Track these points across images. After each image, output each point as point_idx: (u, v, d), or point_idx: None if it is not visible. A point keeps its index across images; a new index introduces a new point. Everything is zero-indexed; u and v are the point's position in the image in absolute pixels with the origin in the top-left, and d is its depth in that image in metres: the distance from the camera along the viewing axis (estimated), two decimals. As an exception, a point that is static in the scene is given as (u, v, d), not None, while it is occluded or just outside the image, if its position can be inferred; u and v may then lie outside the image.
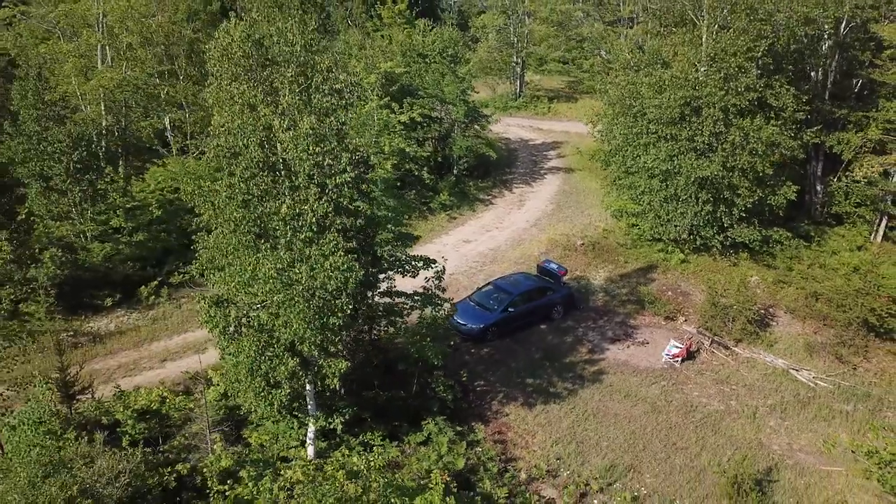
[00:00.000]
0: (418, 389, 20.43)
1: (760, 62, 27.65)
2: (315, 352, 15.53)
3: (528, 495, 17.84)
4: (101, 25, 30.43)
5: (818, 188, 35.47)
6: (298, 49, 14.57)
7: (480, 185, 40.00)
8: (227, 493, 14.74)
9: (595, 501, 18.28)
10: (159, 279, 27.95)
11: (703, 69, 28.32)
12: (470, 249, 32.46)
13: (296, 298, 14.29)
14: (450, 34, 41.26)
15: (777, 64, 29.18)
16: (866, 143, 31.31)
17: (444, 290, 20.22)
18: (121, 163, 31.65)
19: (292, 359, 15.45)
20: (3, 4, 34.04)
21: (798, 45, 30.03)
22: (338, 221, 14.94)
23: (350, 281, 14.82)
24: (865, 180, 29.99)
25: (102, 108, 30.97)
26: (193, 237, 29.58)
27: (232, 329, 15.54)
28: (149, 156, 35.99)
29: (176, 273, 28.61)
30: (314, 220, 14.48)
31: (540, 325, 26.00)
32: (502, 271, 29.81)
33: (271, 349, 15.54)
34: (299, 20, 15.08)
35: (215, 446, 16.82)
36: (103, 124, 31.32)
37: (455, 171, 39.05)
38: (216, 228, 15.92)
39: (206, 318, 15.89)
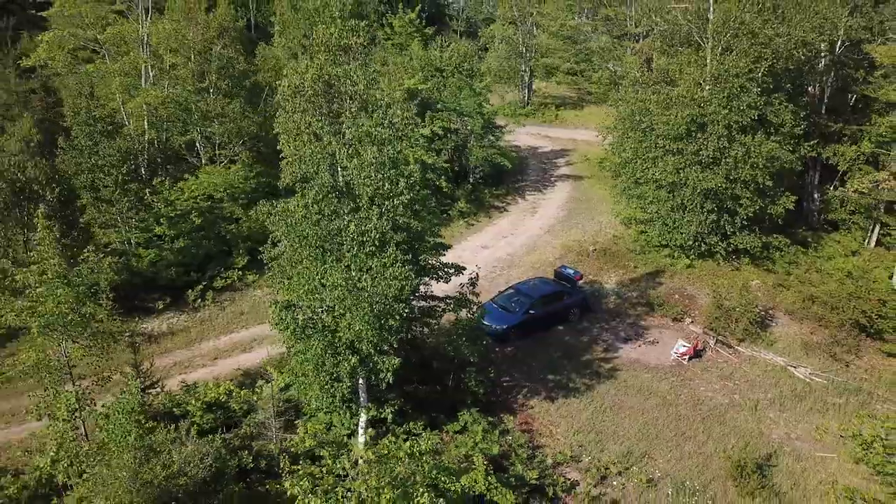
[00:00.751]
0: (453, 384, 22.87)
1: (761, 81, 30.05)
2: (371, 350, 17.96)
3: (555, 477, 20.29)
4: (144, 46, 32.82)
5: (815, 196, 37.98)
6: (361, 88, 16.98)
7: (495, 193, 42.39)
8: (300, 472, 17.14)
9: (614, 483, 20.75)
10: (203, 283, 30.39)
11: (707, 88, 30.79)
12: (488, 255, 34.84)
13: (362, 303, 16.73)
14: (465, 49, 43.76)
15: (776, 82, 31.62)
16: (860, 156, 33.81)
17: (477, 294, 22.61)
18: (161, 174, 33.96)
19: (353, 356, 17.89)
20: (53, 27, 36.32)
21: (796, 64, 32.45)
22: (396, 237, 17.38)
23: (406, 288, 17.29)
24: (856, 195, 32.38)
25: (145, 123, 33.33)
26: (231, 245, 32.23)
27: (299, 330, 17.96)
28: (178, 165, 38.36)
29: (218, 278, 31.16)
30: (377, 237, 16.91)
31: (558, 327, 28.43)
32: (519, 276, 32.25)
33: (334, 348, 17.97)
34: (362, 63, 17.48)
35: (300, 429, 19.26)
36: (145, 138, 33.72)
37: (471, 180, 41.50)
38: (287, 242, 18.21)
39: (276, 321, 18.35)
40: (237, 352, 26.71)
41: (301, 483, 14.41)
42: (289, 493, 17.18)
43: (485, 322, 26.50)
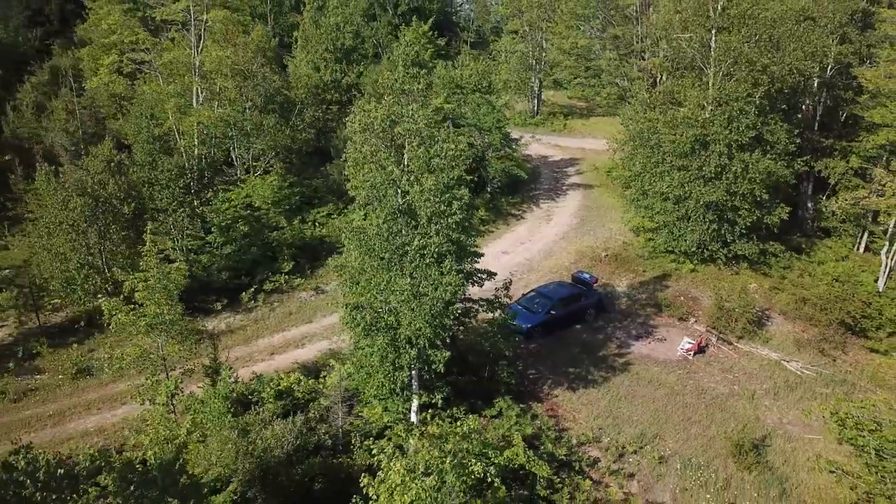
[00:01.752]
0: (488, 376, 26.46)
1: (758, 103, 33.65)
2: (426, 344, 21.51)
3: (580, 455, 23.90)
4: (196, 70, 36.37)
5: (809, 206, 41.67)
6: (422, 125, 20.53)
7: (511, 202, 45.94)
8: (372, 448, 20.69)
9: (630, 460, 24.34)
10: (255, 287, 33.94)
11: (709, 110, 34.40)
12: (508, 260, 38.33)
13: (423, 305, 20.30)
14: (483, 68, 47.31)
15: (772, 104, 35.20)
16: (848, 171, 37.47)
17: (510, 297, 26.19)
18: (210, 187, 37.47)
19: (412, 349, 21.47)
20: (111, 51, 39.84)
21: (791, 87, 36.06)
22: (451, 250, 20.94)
23: (458, 293, 20.90)
24: (841, 211, 36.03)
25: (196, 139, 36.89)
26: (276, 251, 35.72)
27: (367, 327, 21.53)
28: (220, 177, 41.86)
29: (267, 281, 34.72)
30: (435, 250, 20.48)
31: (576, 326, 32.00)
32: (538, 279, 35.80)
33: (396, 343, 21.54)
34: (423, 104, 21.04)
35: (376, 409, 22.81)
36: (195, 153, 37.24)
37: (489, 189, 45.08)
38: (357, 254, 21.69)
39: (347, 320, 21.92)
40: (291, 348, 30.24)
41: (387, 449, 17.89)
42: (359, 462, 20.86)
43: (511, 321, 30.13)
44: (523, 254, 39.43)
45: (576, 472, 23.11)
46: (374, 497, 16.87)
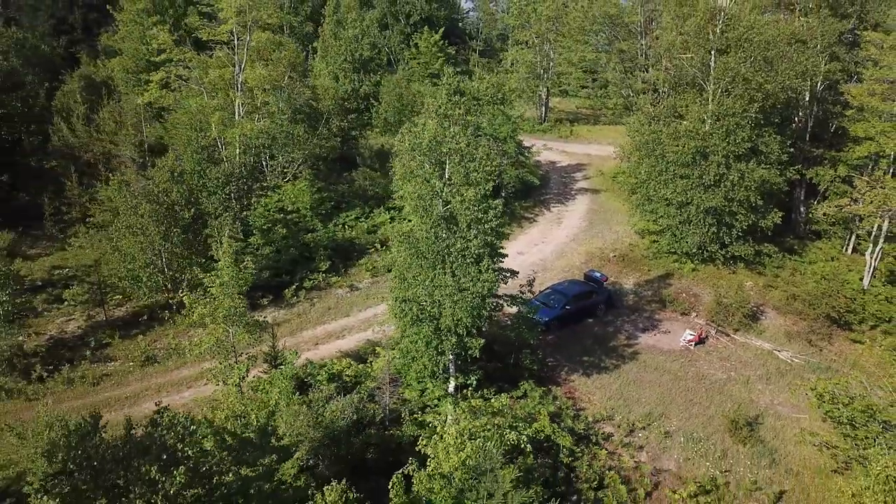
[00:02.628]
0: (513, 362, 30.19)
1: (753, 118, 37.39)
2: (464, 332, 25.21)
3: (596, 429, 27.67)
4: (239, 86, 40.08)
5: (801, 210, 45.44)
6: (463, 145, 24.26)
7: (524, 206, 49.70)
8: (425, 419, 24.37)
9: (640, 434, 28.09)
10: (296, 284, 37.64)
11: (709, 123, 38.16)
12: (524, 260, 42.01)
13: (465, 298, 24.04)
14: (497, 80, 51.04)
15: (766, 117, 38.94)
16: (836, 178, 41.27)
17: (533, 293, 29.90)
18: (252, 193, 41.15)
19: (453, 337, 25.19)
20: (159, 67, 43.53)
21: (784, 102, 39.83)
22: (487, 251, 24.69)
23: (493, 288, 24.65)
24: (826, 216, 39.84)
25: (237, 150, 40.58)
26: (313, 252, 39.34)
27: (414, 318, 25.25)
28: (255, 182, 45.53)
29: (307, 279, 38.43)
30: (474, 252, 24.22)
31: (588, 320, 35.75)
32: (552, 278, 39.51)
33: (438, 331, 25.26)
34: (463, 126, 24.77)
35: (416, 390, 26.52)
36: (236, 161, 40.94)
37: (503, 194, 48.80)
38: (405, 255, 25.36)
39: (396, 311, 25.62)
40: (332, 339, 33.93)
41: (441, 416, 21.61)
42: (407, 434, 24.61)
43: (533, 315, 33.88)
44: (537, 254, 43.13)
45: (593, 444, 26.85)
46: (433, 455, 20.59)
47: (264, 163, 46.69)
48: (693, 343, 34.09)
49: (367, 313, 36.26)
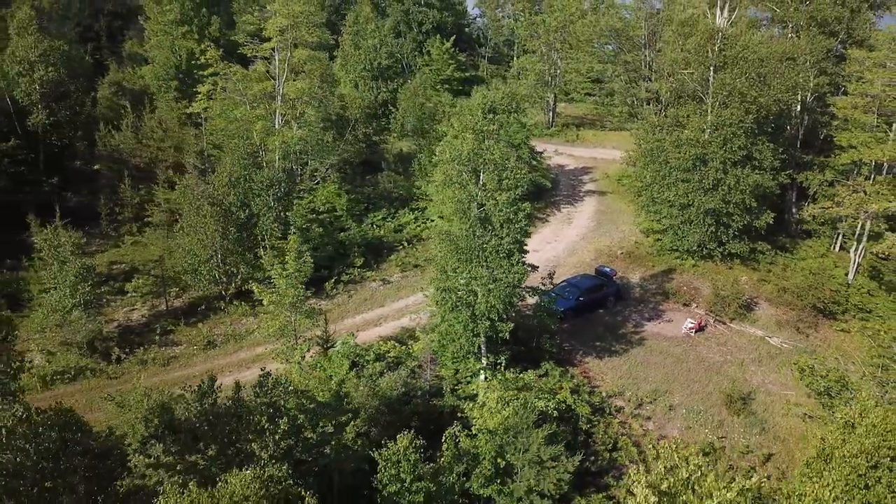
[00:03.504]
0: (535, 345, 34.58)
1: (748, 128, 41.78)
2: (496, 317, 29.59)
3: (609, 403, 32.10)
4: (279, 98, 44.46)
5: (793, 211, 49.92)
6: (497, 157, 28.63)
7: (537, 206, 53.92)
8: (466, 390, 28.68)
9: (647, 408, 32.52)
10: (335, 278, 41.98)
11: (708, 133, 42.58)
12: (539, 257, 46.23)
13: (498, 288, 28.44)
14: (511, 91, 55.34)
15: (760, 127, 43.34)
16: (824, 182, 45.74)
17: (554, 285, 34.30)
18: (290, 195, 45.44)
19: (487, 321, 29.58)
20: (204, 80, 47.90)
21: (776, 113, 44.28)
22: (516, 248, 29.07)
23: (523, 279, 29.06)
24: (811, 217, 44.34)
25: (277, 156, 44.92)
26: (347, 249, 43.58)
27: (453, 305, 29.63)
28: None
29: (344, 273, 42.78)
30: (507, 248, 28.62)
31: (599, 310, 40.15)
32: (566, 273, 43.82)
33: (474, 316, 29.65)
34: (496, 140, 29.15)
35: (451, 369, 30.91)
36: (276, 166, 45.26)
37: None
38: (446, 251, 29.69)
39: (437, 299, 29.98)
40: (370, 326, 38.28)
41: (478, 388, 25.98)
42: (448, 404, 28.99)
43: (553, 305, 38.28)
44: (550, 252, 47.51)
45: (607, 415, 31.30)
46: (478, 416, 25.01)
47: (294, 167, 51.10)
48: (693, 330, 38.51)
49: (400, 304, 40.67)
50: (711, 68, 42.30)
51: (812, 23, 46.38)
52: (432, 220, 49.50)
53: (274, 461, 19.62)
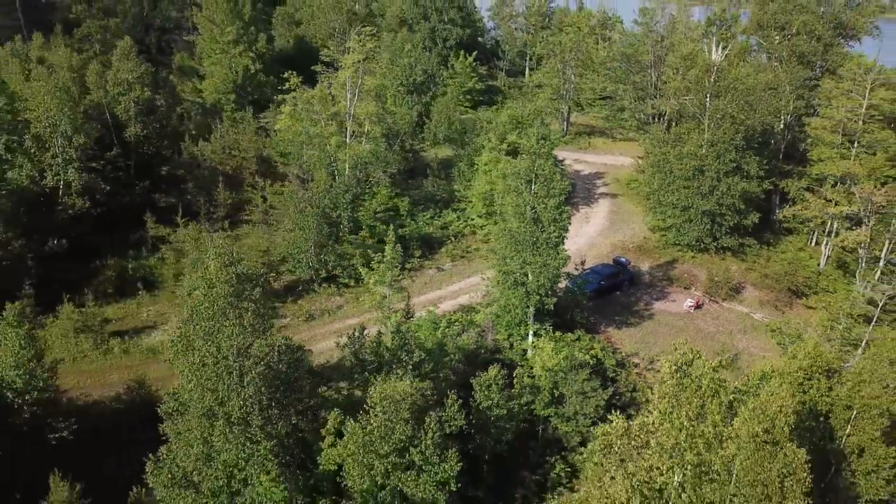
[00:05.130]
0: (569, 318, 45.38)
1: (738, 144, 52.64)
2: (544, 294, 40.36)
3: (627, 360, 42.99)
4: (350, 118, 55.16)
5: (776, 211, 60.92)
6: (547, 171, 39.39)
7: (559, 208, 64.81)
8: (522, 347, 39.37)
9: (657, 364, 43.36)
10: (399, 266, 52.52)
11: (705, 148, 53.47)
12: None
13: (547, 271, 39.24)
14: (536, 106, 66.23)
15: (748, 143, 54.21)
16: (800, 188, 56.77)
17: (582, 271, 45.21)
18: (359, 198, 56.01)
19: (536, 296, 40.35)
20: (283, 99, 58.59)
21: (761, 131, 55.25)
22: (560, 241, 39.89)
23: (565, 264, 39.94)
24: (785, 218, 55.37)
25: (347, 165, 55.58)
26: (407, 242, 54.01)
27: (510, 284, 40.40)
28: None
29: (407, 262, 53.38)
30: (555, 240, 39.42)
31: (616, 293, 50.99)
32: (588, 262, 54.53)
33: (527, 293, 40.42)
34: (546, 158, 39.90)
35: (504, 334, 41.71)
36: (347, 174, 55.86)
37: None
38: (504, 243, 40.36)
39: (499, 279, 40.77)
40: (432, 304, 48.99)
41: (532, 342, 36.71)
42: (508, 358, 39.79)
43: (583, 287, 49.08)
44: (573, 245, 57.86)
45: (627, 368, 42.18)
46: (535, 363, 35.82)
47: (363, 175, 61.76)
48: (693, 308, 49.40)
49: (454, 287, 51.45)
50: (708, 96, 53.24)
51: (792, 55, 57.39)
52: (472, 219, 60.40)
53: (414, 379, 30.33)
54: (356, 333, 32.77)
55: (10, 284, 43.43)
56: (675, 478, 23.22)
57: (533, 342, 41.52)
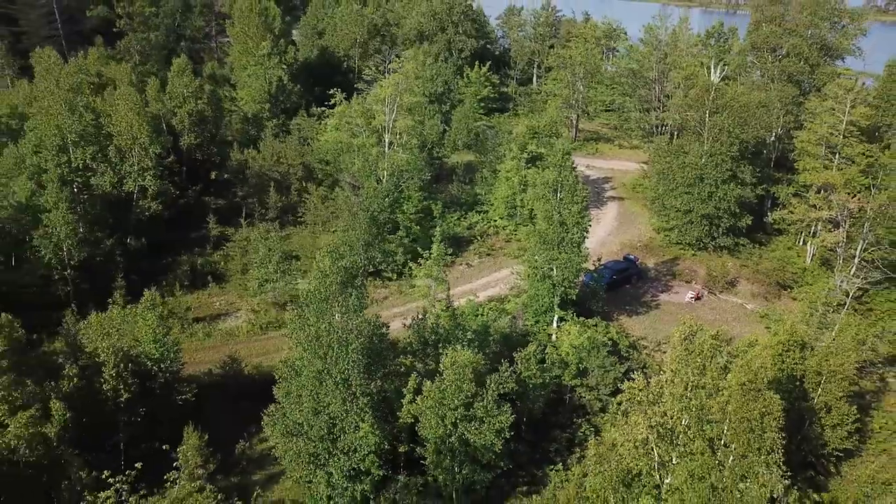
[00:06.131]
0: (588, 306, 53.47)
1: (733, 154, 60.80)
2: (569, 285, 48.45)
3: (637, 343, 51.15)
4: (389, 130, 63.15)
5: (769, 214, 69.23)
6: (571, 182, 47.40)
7: (572, 210, 72.89)
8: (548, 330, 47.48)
9: (663, 347, 51.44)
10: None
11: (704, 157, 61.64)
12: (578, 248, 65.34)
13: (571, 266, 47.33)
14: (550, 117, 74.35)
15: (742, 154, 62.39)
16: (790, 194, 65.07)
17: (595, 267, 53.40)
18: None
19: (562, 287, 48.46)
20: (327, 115, 66.47)
21: (755, 144, 63.47)
22: (581, 240, 47.97)
23: (586, 260, 48.08)
24: (773, 221, 63.67)
25: (386, 173, 63.52)
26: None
27: (539, 277, 48.49)
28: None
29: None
30: (578, 240, 47.50)
31: (626, 286, 59.15)
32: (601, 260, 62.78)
33: (553, 284, 48.52)
34: (570, 171, 47.92)
35: (532, 321, 49.86)
36: (385, 180, 63.76)
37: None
38: (534, 243, 48.40)
39: (529, 273, 48.87)
40: (465, 295, 56.96)
41: (556, 327, 44.80)
42: (539, 338, 48.00)
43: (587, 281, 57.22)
44: (587, 244, 66.39)
45: (637, 350, 50.33)
46: (563, 343, 43.93)
47: (399, 181, 69.63)
48: (693, 299, 57.59)
49: (482, 280, 59.53)
50: (707, 112, 61.43)
51: (782, 74, 65.65)
52: (495, 221, 68.53)
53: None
54: (419, 316, 40.82)
55: (103, 278, 51.35)
56: (683, 420, 31.36)
57: (558, 326, 49.60)
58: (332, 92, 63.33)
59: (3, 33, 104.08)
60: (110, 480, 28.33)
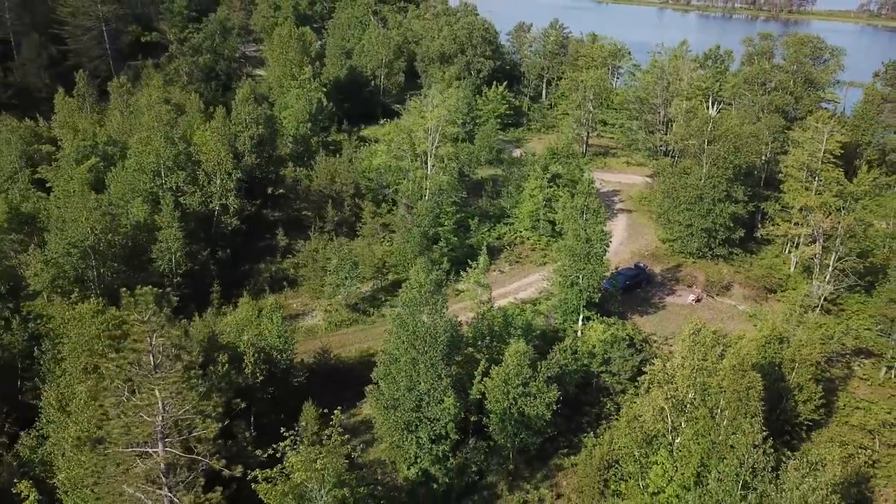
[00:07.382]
0: (607, 308, 65.40)
1: (728, 176, 72.81)
2: (592, 290, 60.34)
3: (649, 337, 63.18)
4: (432, 153, 74.84)
5: (759, 227, 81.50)
6: (594, 205, 59.22)
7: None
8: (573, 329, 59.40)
9: (670, 341, 63.46)
10: (472, 267, 72.42)
11: (703, 179, 73.65)
12: (593, 256, 77.34)
13: (595, 274, 59.25)
14: (566, 137, 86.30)
15: (736, 175, 74.38)
16: (777, 210, 77.27)
17: (611, 274, 65.44)
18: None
19: (587, 293, 60.36)
20: (369, 140, 78.15)
21: (747, 167, 75.57)
22: (603, 253, 59.88)
23: (608, 269, 60.06)
24: (761, 235, 75.94)
25: (428, 192, 75.22)
26: (476, 249, 74.45)
27: (568, 284, 60.39)
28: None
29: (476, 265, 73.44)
30: (601, 253, 59.39)
31: (637, 290, 71.15)
32: (614, 267, 74.78)
33: (580, 290, 60.44)
34: (594, 196, 59.69)
35: (561, 319, 61.82)
36: (429, 200, 75.39)
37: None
38: (564, 255, 60.24)
39: (559, 280, 60.82)
40: (499, 299, 68.80)
41: (582, 325, 56.66)
42: (569, 333, 60.06)
43: (606, 286, 69.16)
44: (600, 253, 78.40)
45: (649, 343, 62.34)
46: (590, 337, 55.93)
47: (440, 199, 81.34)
48: (694, 301, 69.69)
49: (514, 285, 71.43)
50: (706, 140, 73.51)
51: (770, 106, 77.86)
52: (520, 232, 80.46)
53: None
54: (478, 317, 52.72)
55: (202, 284, 62.94)
56: (690, 394, 43.38)
57: (584, 324, 61.58)
58: (382, 122, 74.94)
59: (54, 53, 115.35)
60: (285, 434, 39.69)
